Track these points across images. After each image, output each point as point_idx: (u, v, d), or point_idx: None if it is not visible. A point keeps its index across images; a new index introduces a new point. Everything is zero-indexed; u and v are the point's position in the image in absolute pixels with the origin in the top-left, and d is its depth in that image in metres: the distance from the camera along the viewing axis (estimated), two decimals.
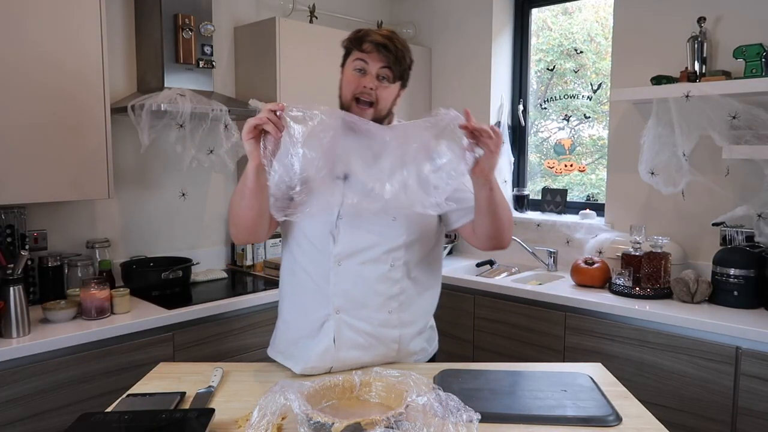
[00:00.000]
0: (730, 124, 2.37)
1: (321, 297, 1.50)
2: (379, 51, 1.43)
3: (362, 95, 1.45)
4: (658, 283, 2.47)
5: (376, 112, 1.47)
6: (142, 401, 1.29)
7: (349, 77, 1.47)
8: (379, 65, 1.45)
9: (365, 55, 1.45)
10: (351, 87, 1.46)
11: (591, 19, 3.23)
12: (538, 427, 1.21)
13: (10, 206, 2.23)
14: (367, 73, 1.45)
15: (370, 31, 1.47)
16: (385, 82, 1.47)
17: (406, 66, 1.49)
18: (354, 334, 1.49)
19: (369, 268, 1.48)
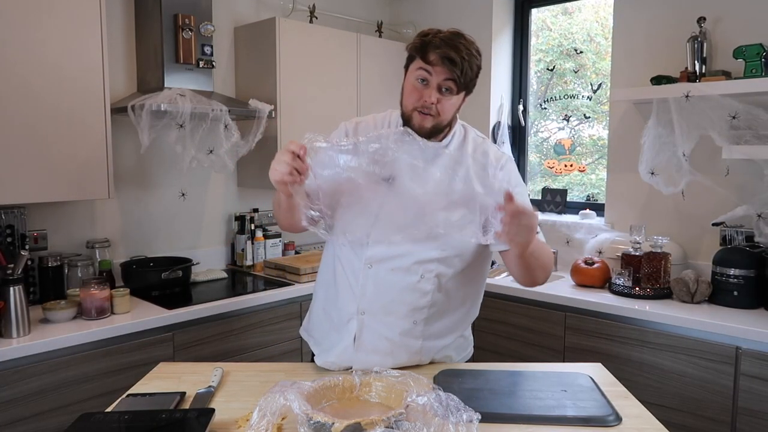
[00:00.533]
0: (730, 124, 2.37)
1: (351, 294, 1.51)
2: (444, 63, 1.36)
3: (423, 108, 1.40)
4: (658, 283, 2.47)
5: (437, 122, 1.42)
6: (142, 401, 1.29)
7: (411, 87, 1.41)
8: (443, 77, 1.38)
9: (429, 67, 1.37)
10: (412, 98, 1.41)
11: (591, 19, 3.23)
12: (538, 427, 1.21)
13: (10, 206, 2.23)
14: (430, 86, 1.39)
15: (436, 39, 1.37)
16: (448, 94, 1.40)
17: (473, 76, 1.41)
18: (375, 338, 1.48)
19: (398, 276, 1.46)
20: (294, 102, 2.88)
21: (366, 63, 3.20)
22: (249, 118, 2.71)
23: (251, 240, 3.00)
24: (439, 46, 1.36)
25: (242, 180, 3.06)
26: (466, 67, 1.37)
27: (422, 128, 1.41)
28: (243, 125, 2.71)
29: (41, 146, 2.11)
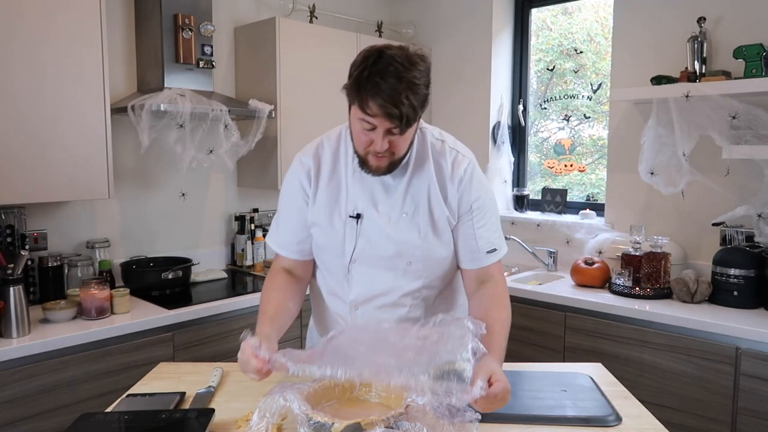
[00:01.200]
0: (730, 124, 2.37)
1: None
2: (386, 116, 1.23)
3: (376, 153, 1.30)
4: (658, 283, 2.47)
5: (392, 160, 1.34)
6: (142, 401, 1.29)
7: (358, 132, 1.30)
8: (387, 127, 1.25)
9: (370, 117, 1.24)
10: (363, 144, 1.31)
11: (591, 19, 3.23)
12: (538, 427, 1.21)
13: (10, 206, 2.23)
14: (377, 133, 1.27)
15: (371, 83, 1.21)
16: (398, 135, 1.28)
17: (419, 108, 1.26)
18: None
19: (386, 313, 1.44)
20: (294, 102, 2.88)
21: None
22: (249, 118, 2.71)
23: (251, 240, 2.99)
24: (377, 94, 1.21)
25: (242, 180, 3.06)
26: (409, 112, 1.23)
27: (379, 169, 1.34)
28: (243, 125, 2.71)
29: (41, 146, 2.11)
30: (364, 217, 1.40)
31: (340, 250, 1.43)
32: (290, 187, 1.48)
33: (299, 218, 1.46)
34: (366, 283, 1.43)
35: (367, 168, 1.35)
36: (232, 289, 2.65)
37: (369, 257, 1.42)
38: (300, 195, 1.45)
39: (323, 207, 1.43)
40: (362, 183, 1.41)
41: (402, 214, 1.40)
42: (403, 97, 1.21)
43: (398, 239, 1.40)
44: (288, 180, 1.49)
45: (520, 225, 3.26)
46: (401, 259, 1.41)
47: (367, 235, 1.40)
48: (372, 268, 1.42)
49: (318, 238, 1.46)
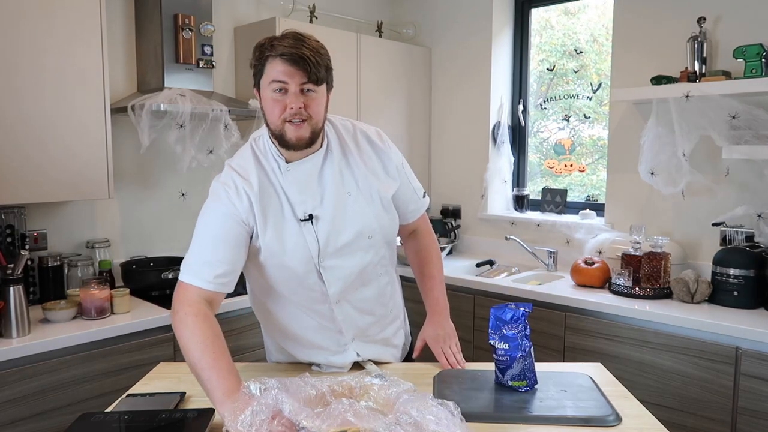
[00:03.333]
0: (730, 124, 2.37)
1: (332, 332, 1.52)
2: (295, 65, 1.28)
3: (293, 117, 1.31)
4: (658, 283, 2.47)
5: (312, 126, 1.34)
6: (142, 401, 1.29)
7: (271, 102, 1.32)
8: (300, 80, 1.29)
9: (282, 75, 1.29)
10: (277, 111, 1.32)
11: (595, 20, 3.23)
12: (538, 427, 1.21)
13: (10, 206, 2.23)
14: (290, 92, 1.30)
15: (276, 47, 1.30)
16: (312, 94, 1.32)
17: (326, 68, 1.34)
18: (374, 345, 1.58)
19: (366, 290, 1.52)
20: None
21: (366, 63, 3.20)
22: (249, 118, 2.71)
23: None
24: (283, 53, 1.28)
25: None
26: (313, 62, 1.29)
27: (301, 140, 1.33)
28: (243, 125, 2.71)
29: (41, 146, 2.11)
30: (315, 216, 1.40)
31: (307, 255, 1.40)
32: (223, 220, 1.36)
33: (232, 249, 1.35)
34: (340, 273, 1.44)
35: (287, 143, 1.33)
36: None
37: (335, 248, 1.42)
38: (236, 228, 1.35)
39: (273, 227, 1.38)
40: (297, 184, 1.40)
41: (346, 195, 1.43)
42: (305, 49, 1.29)
43: (354, 220, 1.43)
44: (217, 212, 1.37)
45: (520, 225, 3.26)
46: (362, 237, 1.45)
47: (326, 229, 1.41)
48: (340, 258, 1.43)
49: (272, 255, 1.39)
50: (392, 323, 1.62)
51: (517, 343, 1.36)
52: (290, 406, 1.08)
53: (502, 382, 1.38)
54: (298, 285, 1.43)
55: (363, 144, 1.49)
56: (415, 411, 1.09)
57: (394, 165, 1.52)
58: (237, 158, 1.46)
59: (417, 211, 1.63)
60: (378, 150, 1.50)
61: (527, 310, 1.39)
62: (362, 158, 1.47)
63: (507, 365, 1.37)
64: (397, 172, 1.53)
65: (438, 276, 1.67)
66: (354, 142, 1.48)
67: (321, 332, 1.51)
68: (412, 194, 1.59)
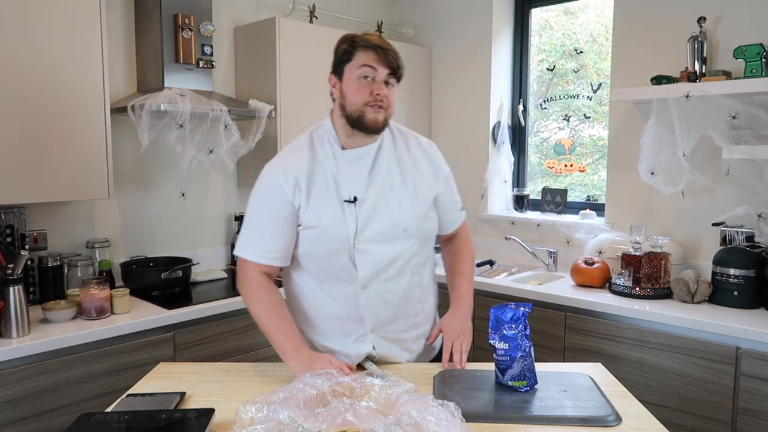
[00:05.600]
0: (730, 124, 2.37)
1: (353, 321, 1.55)
2: (385, 59, 1.45)
3: (375, 102, 1.45)
4: (658, 283, 2.47)
5: (387, 114, 1.49)
6: (142, 401, 1.29)
7: (357, 85, 1.46)
8: (387, 72, 1.46)
9: (372, 62, 1.45)
10: (362, 95, 1.46)
11: (594, 20, 3.23)
12: (538, 427, 1.21)
13: (10, 206, 2.23)
14: (377, 80, 1.46)
15: (366, 40, 1.47)
16: (391, 87, 1.50)
17: (403, 69, 1.52)
18: (390, 344, 1.58)
19: (394, 284, 1.55)
20: (294, 102, 2.88)
21: None
22: (249, 118, 2.71)
23: None
24: (377, 45, 1.46)
25: (242, 180, 3.06)
26: (400, 61, 1.48)
27: (376, 122, 1.47)
28: (243, 125, 2.71)
29: (41, 146, 2.11)
30: (359, 199, 1.50)
31: (344, 234, 1.49)
32: (271, 201, 1.51)
33: (282, 228, 1.51)
34: (372, 258, 1.51)
35: (364, 124, 1.47)
36: (232, 289, 2.65)
37: (371, 233, 1.50)
38: (285, 208, 1.50)
39: (317, 205, 1.50)
40: (347, 169, 1.52)
41: (388, 187, 1.53)
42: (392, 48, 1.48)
43: (392, 211, 1.52)
44: (266, 194, 1.52)
45: (520, 225, 3.26)
46: (397, 228, 1.52)
47: (366, 212, 1.50)
48: (375, 244, 1.51)
49: (316, 237, 1.50)
50: (415, 329, 1.62)
51: (517, 343, 1.36)
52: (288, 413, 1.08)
53: (502, 382, 1.38)
54: (330, 264, 1.51)
55: (414, 146, 1.61)
56: (415, 411, 1.09)
57: (443, 172, 1.63)
58: (291, 144, 1.60)
59: (455, 222, 1.71)
60: (428, 154, 1.62)
61: (527, 310, 1.39)
62: (411, 158, 1.59)
63: (507, 365, 1.37)
64: (445, 181, 1.63)
65: (468, 274, 1.72)
66: (405, 143, 1.61)
67: (342, 321, 1.55)
68: (453, 205, 1.69)
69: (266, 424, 1.06)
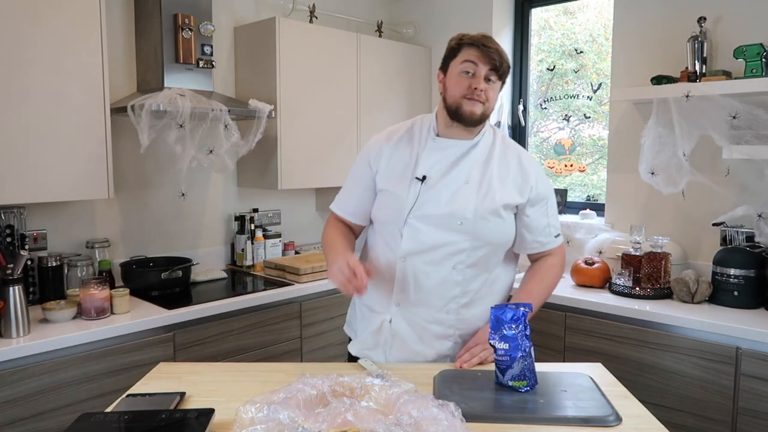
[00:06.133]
0: (730, 124, 2.37)
1: (386, 287, 1.60)
2: (488, 56, 1.52)
3: (473, 95, 1.53)
4: (658, 283, 2.47)
5: (485, 108, 1.56)
6: (142, 401, 1.29)
7: (457, 78, 1.55)
8: (488, 68, 1.53)
9: (474, 59, 1.53)
10: (460, 88, 1.54)
11: (594, 20, 3.23)
12: (538, 427, 1.21)
13: (10, 206, 2.23)
14: (477, 75, 1.53)
15: (473, 38, 1.55)
16: (492, 84, 1.55)
17: (507, 68, 1.58)
18: (409, 327, 1.59)
19: (431, 269, 1.56)
20: (294, 102, 2.88)
21: (366, 63, 3.20)
22: (249, 118, 2.71)
23: (251, 240, 2.99)
24: (479, 43, 1.53)
25: (242, 180, 3.06)
26: (503, 58, 1.55)
27: (473, 114, 1.55)
28: (243, 125, 2.71)
29: (41, 146, 2.11)
30: (428, 179, 1.56)
31: (401, 205, 1.56)
32: (359, 165, 1.70)
33: (360, 190, 1.68)
34: (417, 237, 1.55)
35: (461, 115, 1.54)
36: (232, 289, 2.65)
37: (424, 214, 1.55)
38: (366, 171, 1.66)
39: (391, 174, 1.62)
40: (435, 152, 1.59)
41: (464, 183, 1.57)
42: (495, 45, 1.54)
43: (454, 201, 1.55)
44: (359, 157, 1.71)
45: None
46: (454, 219, 1.54)
47: (426, 194, 1.55)
48: (425, 224, 1.55)
49: (382, 200, 1.63)
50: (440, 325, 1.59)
51: (517, 343, 1.36)
52: (288, 413, 1.08)
53: (502, 382, 1.38)
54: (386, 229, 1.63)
55: (511, 156, 1.64)
56: (415, 411, 1.09)
57: (530, 186, 1.61)
58: (395, 126, 1.72)
59: (543, 245, 1.69)
60: (523, 167, 1.63)
61: (527, 310, 1.39)
62: (500, 165, 1.61)
63: (507, 365, 1.37)
64: (536, 198, 1.63)
65: (534, 295, 1.66)
66: (503, 150, 1.65)
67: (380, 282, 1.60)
68: (544, 228, 1.67)
69: (266, 424, 1.06)
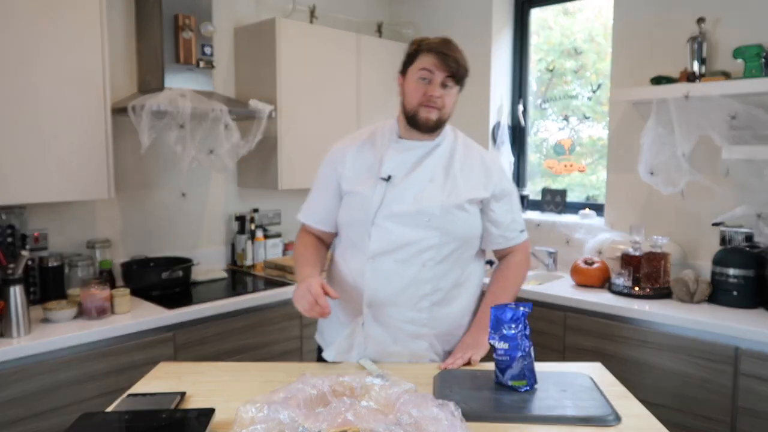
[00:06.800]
0: (730, 124, 2.37)
1: (355, 290, 1.59)
2: (444, 62, 1.51)
3: (429, 102, 1.54)
4: (658, 283, 2.47)
5: (441, 114, 1.57)
6: (143, 401, 1.29)
7: (414, 85, 1.55)
8: (444, 74, 1.53)
9: (431, 66, 1.52)
10: (417, 95, 1.55)
11: (592, 19, 3.23)
12: (538, 427, 1.21)
13: (10, 206, 2.23)
14: (433, 82, 1.53)
15: (432, 43, 1.54)
16: (449, 90, 1.56)
17: (465, 73, 1.58)
18: (382, 329, 1.57)
19: (401, 267, 1.56)
20: (294, 102, 2.89)
21: (366, 63, 3.20)
22: (249, 118, 2.71)
23: (251, 240, 3.00)
24: (437, 50, 1.52)
25: (242, 180, 3.06)
26: (461, 64, 1.54)
27: (428, 121, 1.55)
28: (243, 125, 2.72)
29: (41, 146, 2.11)
30: (393, 179, 1.57)
31: (368, 205, 1.57)
32: (324, 172, 1.70)
33: (328, 197, 1.68)
34: (386, 236, 1.56)
35: (417, 122, 1.56)
36: (233, 289, 2.65)
37: (391, 213, 1.56)
38: (332, 177, 1.66)
39: (356, 177, 1.62)
40: (398, 153, 1.60)
41: (429, 182, 1.58)
42: (452, 51, 1.54)
43: (420, 199, 1.56)
44: (323, 165, 1.71)
45: None
46: (421, 216, 1.56)
47: (392, 193, 1.57)
48: (392, 223, 1.56)
49: (348, 202, 1.63)
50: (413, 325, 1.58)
51: (517, 343, 1.36)
52: (288, 412, 1.08)
53: (502, 382, 1.38)
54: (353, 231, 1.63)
55: (474, 156, 1.66)
56: (415, 411, 1.09)
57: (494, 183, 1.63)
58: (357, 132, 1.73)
59: (508, 240, 1.70)
60: (485, 165, 1.65)
61: (527, 309, 1.39)
62: (463, 163, 1.63)
63: (507, 365, 1.37)
64: (500, 194, 1.65)
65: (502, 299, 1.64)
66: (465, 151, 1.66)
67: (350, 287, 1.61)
68: (509, 223, 1.69)
69: (266, 423, 1.06)
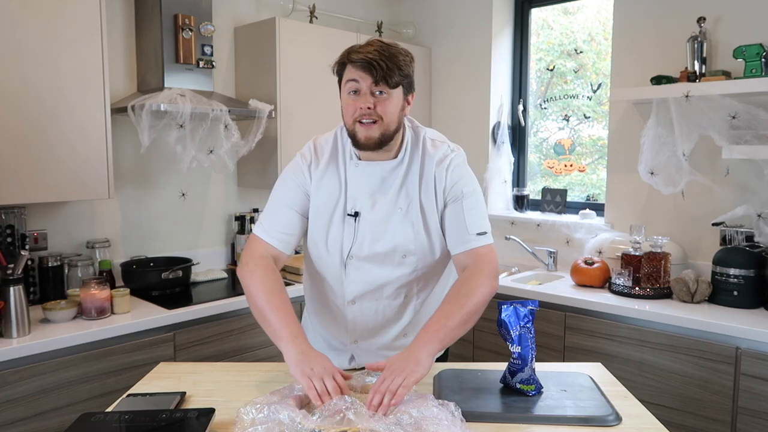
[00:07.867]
0: (730, 124, 2.37)
1: (340, 327, 1.56)
2: (366, 68, 1.34)
3: (362, 117, 1.36)
4: (658, 283, 2.47)
5: (383, 128, 1.38)
6: (143, 401, 1.29)
7: (346, 103, 1.40)
8: (370, 81, 1.35)
9: (354, 75, 1.36)
10: (350, 112, 1.38)
11: (592, 19, 3.23)
12: (538, 427, 1.21)
13: (10, 206, 2.23)
14: (361, 93, 1.36)
15: (354, 51, 1.37)
16: (383, 96, 1.37)
17: (404, 72, 1.38)
18: (373, 356, 1.54)
19: (382, 304, 1.51)
20: (294, 102, 2.88)
21: None
22: (249, 118, 2.71)
23: None
24: (354, 59, 1.35)
25: (242, 180, 3.06)
26: (388, 64, 1.34)
27: (369, 139, 1.38)
28: (243, 125, 2.72)
29: (41, 146, 2.11)
30: (362, 216, 1.45)
31: (338, 246, 1.46)
32: (289, 181, 1.50)
33: (293, 211, 1.48)
34: (362, 278, 1.48)
35: (358, 142, 1.39)
36: (233, 289, 2.65)
37: (365, 254, 1.46)
38: (299, 189, 1.48)
39: (324, 204, 1.47)
40: (360, 178, 1.45)
41: (397, 209, 1.45)
42: (379, 55, 1.34)
43: (393, 236, 1.45)
44: (287, 174, 1.51)
45: (520, 225, 3.26)
46: (396, 254, 1.46)
47: (363, 232, 1.45)
48: (367, 263, 1.47)
49: (315, 234, 1.49)
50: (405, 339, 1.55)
51: (528, 344, 1.35)
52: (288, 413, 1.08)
53: (510, 384, 1.37)
54: (327, 271, 1.50)
55: (431, 167, 1.47)
56: (415, 411, 1.09)
57: (444, 188, 1.46)
58: (322, 137, 1.54)
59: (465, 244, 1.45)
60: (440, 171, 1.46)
61: (534, 308, 1.38)
62: (426, 179, 1.46)
63: (519, 368, 1.35)
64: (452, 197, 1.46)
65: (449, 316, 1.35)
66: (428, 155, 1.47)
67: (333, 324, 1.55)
68: (460, 226, 1.45)
69: (266, 424, 1.06)
